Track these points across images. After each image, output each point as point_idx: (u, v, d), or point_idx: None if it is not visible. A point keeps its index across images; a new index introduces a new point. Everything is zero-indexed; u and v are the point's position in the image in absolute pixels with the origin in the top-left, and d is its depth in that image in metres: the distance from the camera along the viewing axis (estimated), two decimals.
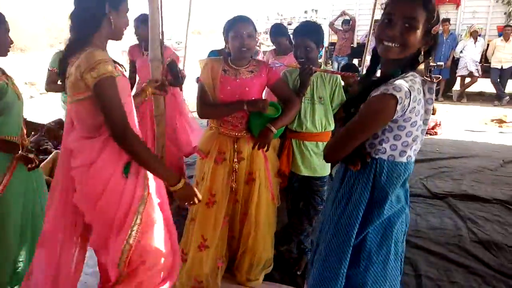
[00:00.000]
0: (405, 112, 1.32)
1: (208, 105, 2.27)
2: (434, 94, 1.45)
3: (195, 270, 2.29)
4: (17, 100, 2.01)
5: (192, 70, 3.10)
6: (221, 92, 2.22)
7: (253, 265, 2.42)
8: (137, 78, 3.67)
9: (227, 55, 2.29)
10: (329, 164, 2.44)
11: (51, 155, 3.88)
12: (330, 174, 2.48)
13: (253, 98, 2.22)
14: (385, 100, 1.29)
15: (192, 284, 2.30)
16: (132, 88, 3.45)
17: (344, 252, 1.44)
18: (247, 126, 2.27)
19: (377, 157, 1.41)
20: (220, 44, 3.05)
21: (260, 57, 3.92)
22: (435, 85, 1.50)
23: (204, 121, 2.85)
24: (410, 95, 1.30)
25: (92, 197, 1.59)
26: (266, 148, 2.22)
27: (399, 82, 1.31)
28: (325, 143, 2.36)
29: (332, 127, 2.39)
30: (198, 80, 2.33)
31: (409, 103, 1.30)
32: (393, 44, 1.34)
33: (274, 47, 3.82)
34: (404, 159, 1.40)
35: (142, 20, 3.43)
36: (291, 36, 2.77)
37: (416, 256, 2.75)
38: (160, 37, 2.11)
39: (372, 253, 1.45)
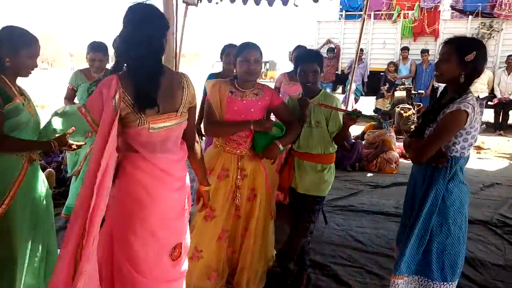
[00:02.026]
0: (472, 122, 1.87)
1: (215, 123, 2.40)
2: (483, 107, 2.08)
3: (185, 278, 2.35)
4: (32, 120, 2.05)
5: None
6: (227, 112, 2.36)
7: (250, 279, 2.51)
8: None
9: (234, 78, 2.44)
10: (327, 185, 2.52)
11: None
12: None
13: (258, 119, 2.36)
14: (460, 114, 1.85)
15: None
16: None
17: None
18: (251, 145, 2.40)
19: (452, 155, 1.93)
20: (205, 67, 3.20)
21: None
22: (484, 101, 2.33)
23: None
24: (474, 109, 1.85)
25: None
26: (273, 161, 2.35)
27: (467, 100, 1.87)
28: (324, 165, 2.50)
29: (333, 149, 2.52)
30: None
31: (474, 115, 1.86)
32: (437, 73, 2.02)
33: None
34: (467, 154, 1.97)
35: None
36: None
37: None
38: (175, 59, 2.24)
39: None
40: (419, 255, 2.05)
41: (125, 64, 1.66)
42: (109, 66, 3.45)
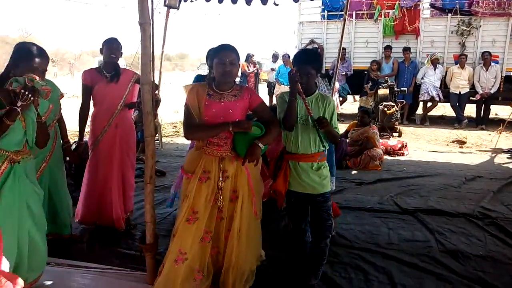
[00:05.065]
0: None
1: (194, 127, 2.40)
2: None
3: (170, 282, 2.37)
4: (21, 126, 2.22)
5: (166, 95, 3.22)
6: (206, 115, 2.36)
7: (236, 280, 2.50)
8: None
9: (212, 81, 2.45)
10: (328, 180, 2.56)
11: None
12: None
13: (237, 120, 2.37)
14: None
15: None
16: (87, 115, 3.39)
17: None
18: (232, 146, 2.41)
19: None
20: (192, 69, 3.21)
21: None
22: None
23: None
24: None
25: None
26: (255, 162, 2.36)
27: None
28: (319, 163, 2.53)
29: (327, 147, 2.55)
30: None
31: None
32: None
33: None
34: None
35: (106, 43, 3.34)
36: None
37: (390, 267, 2.92)
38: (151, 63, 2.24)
39: None
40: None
41: None
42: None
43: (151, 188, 2.55)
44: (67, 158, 3.25)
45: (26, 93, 2.10)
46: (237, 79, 2.82)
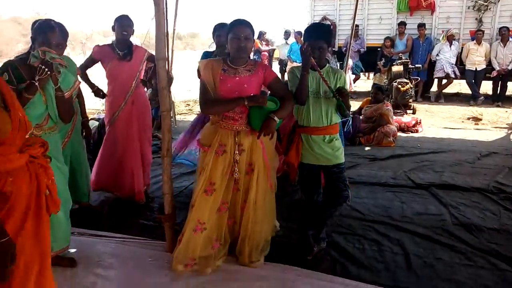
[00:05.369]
0: None
1: (210, 102, 2.44)
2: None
3: (190, 250, 2.48)
4: (42, 100, 2.29)
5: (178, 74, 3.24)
6: (221, 89, 2.40)
7: (252, 249, 2.59)
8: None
9: (227, 56, 2.47)
10: (341, 151, 2.62)
11: None
12: None
13: (252, 94, 2.40)
14: None
15: (187, 262, 2.49)
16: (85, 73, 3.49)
17: None
18: (247, 120, 2.45)
19: None
20: (203, 48, 3.22)
21: None
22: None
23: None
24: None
25: None
26: (270, 136, 2.41)
27: None
28: (331, 136, 2.58)
29: (338, 119, 2.58)
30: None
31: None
32: None
33: None
34: None
35: (118, 20, 3.38)
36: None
37: (403, 238, 2.96)
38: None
39: None
40: None
41: None
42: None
43: (169, 161, 2.61)
44: (83, 134, 3.32)
45: (43, 67, 2.15)
46: (251, 56, 2.85)
